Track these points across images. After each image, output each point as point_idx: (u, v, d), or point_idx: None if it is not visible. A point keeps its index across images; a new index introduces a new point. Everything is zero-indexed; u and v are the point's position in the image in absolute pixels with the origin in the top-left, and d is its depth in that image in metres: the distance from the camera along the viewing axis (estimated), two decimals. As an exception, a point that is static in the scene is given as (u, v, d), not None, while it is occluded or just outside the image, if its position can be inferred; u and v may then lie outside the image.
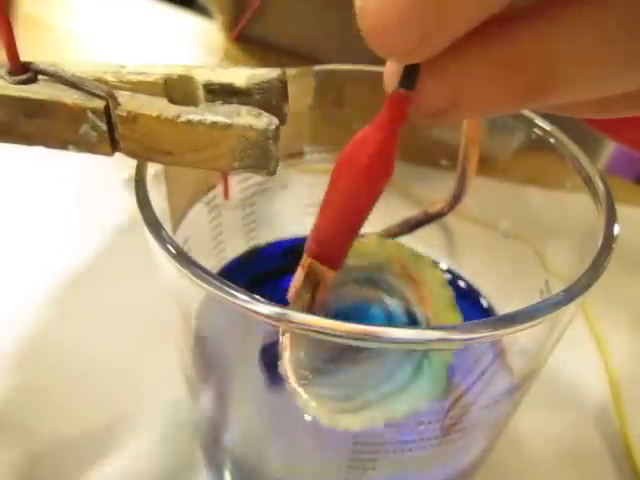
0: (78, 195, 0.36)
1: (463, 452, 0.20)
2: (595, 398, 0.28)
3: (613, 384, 0.28)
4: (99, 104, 0.13)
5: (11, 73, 0.14)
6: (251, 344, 0.18)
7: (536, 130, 0.21)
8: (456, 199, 0.23)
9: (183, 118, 0.13)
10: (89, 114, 0.13)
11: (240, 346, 0.19)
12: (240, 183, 0.25)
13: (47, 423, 0.25)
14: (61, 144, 0.14)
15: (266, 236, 0.27)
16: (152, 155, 0.14)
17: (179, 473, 0.24)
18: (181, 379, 0.21)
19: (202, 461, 0.24)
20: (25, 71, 0.14)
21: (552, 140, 0.21)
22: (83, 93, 0.13)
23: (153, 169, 0.18)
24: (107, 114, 0.13)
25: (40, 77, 0.14)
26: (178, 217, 0.21)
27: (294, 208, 0.26)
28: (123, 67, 0.14)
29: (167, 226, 0.17)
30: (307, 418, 0.18)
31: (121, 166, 0.34)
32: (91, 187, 0.36)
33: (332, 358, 0.17)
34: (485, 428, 0.20)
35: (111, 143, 0.14)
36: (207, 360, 0.20)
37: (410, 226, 0.24)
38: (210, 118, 0.13)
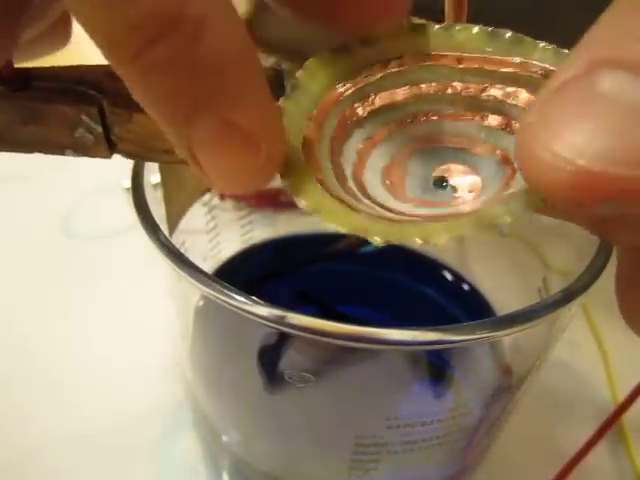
0: (78, 198, 0.36)
1: (463, 452, 0.20)
2: (595, 398, 0.28)
3: (613, 384, 0.28)
4: (93, 107, 0.13)
5: (4, 79, 0.13)
6: (249, 345, 0.18)
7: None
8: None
9: None
10: (83, 117, 0.13)
11: (238, 347, 0.19)
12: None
13: (46, 423, 0.25)
14: (58, 149, 0.14)
15: (263, 237, 0.27)
16: (150, 154, 0.14)
17: (179, 473, 0.24)
18: (181, 379, 0.21)
19: (202, 461, 0.24)
20: (19, 77, 0.14)
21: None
22: (77, 96, 0.13)
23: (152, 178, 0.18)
24: (102, 116, 0.13)
25: (35, 83, 0.14)
26: (175, 219, 0.21)
27: (292, 208, 0.26)
28: None
29: (164, 228, 0.17)
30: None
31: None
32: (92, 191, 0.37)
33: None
34: (485, 428, 0.20)
35: (108, 145, 0.14)
36: (206, 360, 0.20)
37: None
38: None
